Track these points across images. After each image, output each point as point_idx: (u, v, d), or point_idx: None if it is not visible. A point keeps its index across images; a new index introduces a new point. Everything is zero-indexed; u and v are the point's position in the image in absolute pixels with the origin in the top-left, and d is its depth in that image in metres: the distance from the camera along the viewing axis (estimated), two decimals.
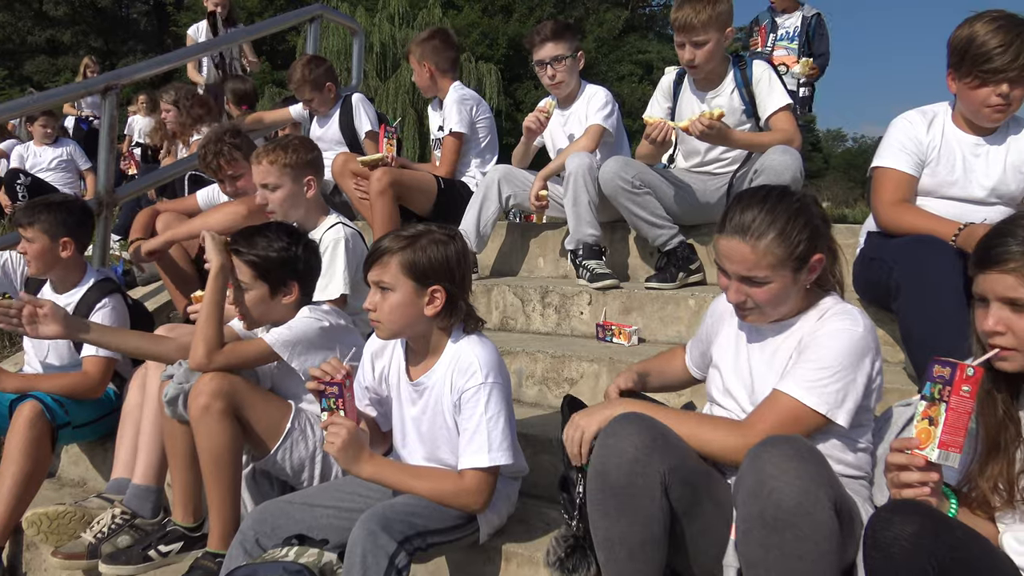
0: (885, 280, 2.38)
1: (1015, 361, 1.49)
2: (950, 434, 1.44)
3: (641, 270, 3.57)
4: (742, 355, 1.95)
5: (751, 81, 3.20)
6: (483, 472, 2.05)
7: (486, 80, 25.32)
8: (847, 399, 1.75)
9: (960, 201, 2.48)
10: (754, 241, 1.76)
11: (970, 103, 2.38)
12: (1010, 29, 2.24)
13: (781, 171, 2.89)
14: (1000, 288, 1.48)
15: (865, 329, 1.79)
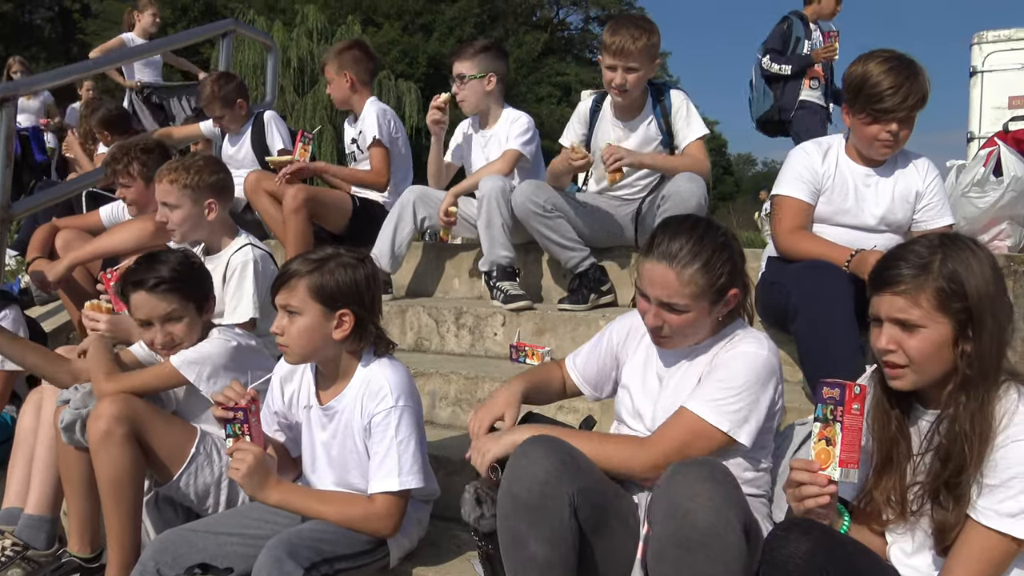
0: (784, 303, 2.49)
1: (906, 379, 1.58)
2: (847, 451, 1.52)
3: (554, 291, 3.62)
4: (652, 378, 2.00)
5: (669, 111, 3.30)
6: (393, 496, 2.04)
7: (406, 98, 25.27)
8: (750, 419, 1.81)
9: (853, 228, 2.61)
10: (680, 269, 1.80)
11: (862, 137, 2.51)
12: (901, 71, 2.38)
13: (687, 197, 2.99)
14: (892, 309, 1.57)
15: (770, 352, 1.86)
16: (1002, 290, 1.57)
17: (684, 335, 1.89)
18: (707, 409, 1.80)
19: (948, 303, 1.53)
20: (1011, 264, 2.84)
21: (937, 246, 1.57)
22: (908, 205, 2.60)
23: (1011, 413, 1.51)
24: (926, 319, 1.54)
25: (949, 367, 1.56)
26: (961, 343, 1.54)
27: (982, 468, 1.50)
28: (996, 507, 1.48)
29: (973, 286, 1.53)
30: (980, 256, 1.57)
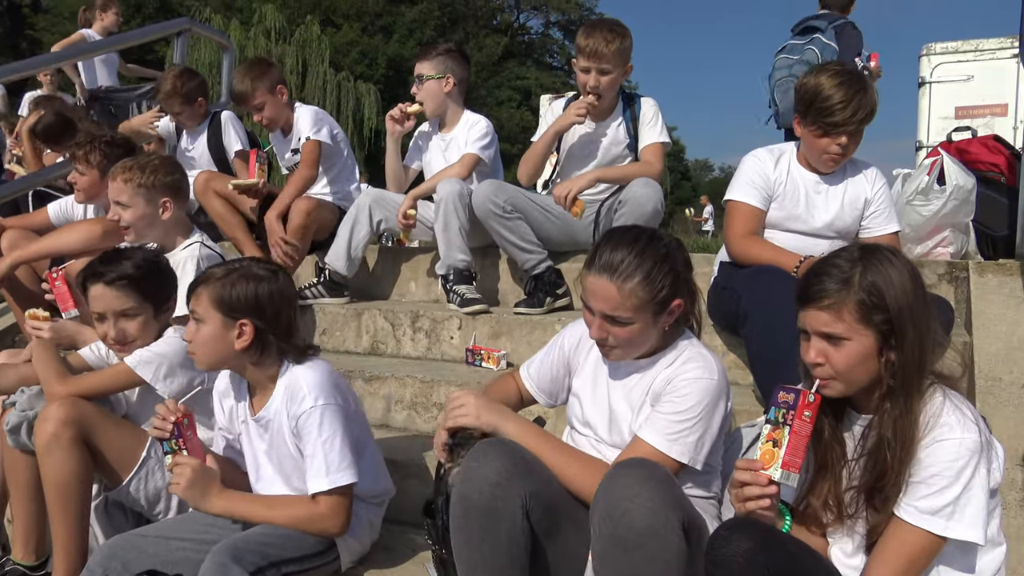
0: (735, 308, 2.53)
1: (834, 388, 1.61)
2: (791, 455, 1.55)
3: (511, 295, 3.64)
4: (601, 388, 2.02)
5: (638, 117, 3.35)
6: (334, 494, 2.04)
7: (365, 100, 25.15)
8: (704, 446, 1.84)
9: (803, 234, 2.67)
10: (620, 282, 1.81)
11: (812, 148, 2.57)
12: (850, 86, 2.44)
13: (644, 202, 3.03)
14: (817, 323, 1.59)
15: (719, 376, 1.87)
16: (922, 299, 1.59)
17: (630, 346, 1.90)
18: (666, 443, 1.81)
19: (870, 315, 1.55)
20: (953, 270, 2.93)
21: (857, 259, 1.59)
22: (856, 212, 2.67)
23: (936, 415, 1.54)
24: (850, 332, 1.56)
25: (875, 375, 1.59)
26: (885, 353, 1.56)
27: (910, 468, 1.53)
28: (917, 504, 1.52)
29: (893, 297, 1.55)
30: (899, 266, 1.58)
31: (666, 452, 1.80)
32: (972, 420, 1.54)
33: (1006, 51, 9.14)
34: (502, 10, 37.67)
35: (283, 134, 4.14)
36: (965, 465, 1.50)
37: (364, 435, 2.23)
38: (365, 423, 2.30)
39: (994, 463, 1.55)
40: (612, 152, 3.33)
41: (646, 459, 1.74)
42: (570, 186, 3.16)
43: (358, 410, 2.25)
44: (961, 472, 1.50)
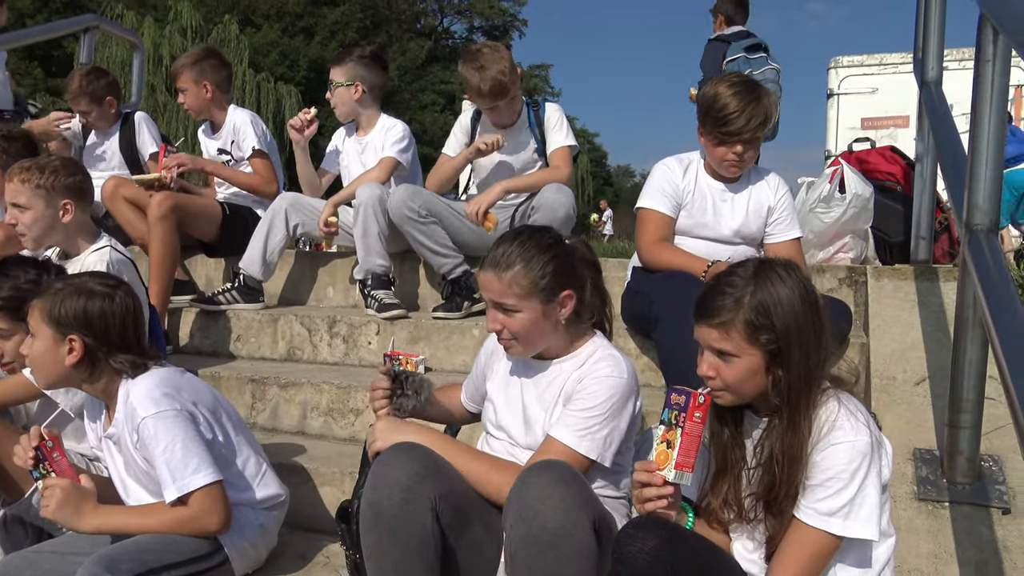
0: (647, 311, 2.59)
1: (726, 399, 1.65)
2: (684, 456, 1.58)
3: (430, 300, 3.64)
4: (514, 391, 2.04)
5: (543, 122, 3.39)
6: (200, 492, 2.00)
7: (285, 102, 24.71)
8: (613, 443, 1.88)
9: (711, 240, 2.75)
10: (501, 272, 1.87)
11: (712, 156, 2.66)
12: (745, 95, 2.52)
13: (556, 207, 3.08)
14: (709, 339, 1.62)
15: (629, 375, 1.91)
16: (812, 318, 1.61)
17: (527, 340, 1.92)
18: (576, 439, 1.85)
19: (757, 335, 1.58)
20: (852, 275, 3.07)
21: (751, 277, 1.61)
22: (761, 219, 2.76)
23: (831, 420, 1.59)
24: (738, 350, 1.59)
25: (764, 389, 1.62)
26: (772, 370, 1.60)
27: (802, 477, 1.58)
28: (815, 506, 1.56)
29: (781, 318, 1.57)
30: (791, 286, 1.60)
31: (575, 448, 1.84)
32: (864, 423, 1.59)
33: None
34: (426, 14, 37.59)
35: (212, 129, 4.07)
36: (859, 467, 1.55)
37: (232, 438, 2.20)
38: (239, 427, 2.25)
39: (884, 460, 1.62)
40: (522, 159, 3.38)
41: (558, 461, 1.77)
42: (480, 201, 3.19)
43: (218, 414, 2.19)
44: (855, 473, 1.55)
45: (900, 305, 2.74)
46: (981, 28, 1.96)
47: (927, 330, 2.60)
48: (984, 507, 2.01)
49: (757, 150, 2.63)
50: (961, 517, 2.00)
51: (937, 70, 3.07)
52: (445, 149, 3.50)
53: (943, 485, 2.06)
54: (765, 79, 4.91)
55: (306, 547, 2.42)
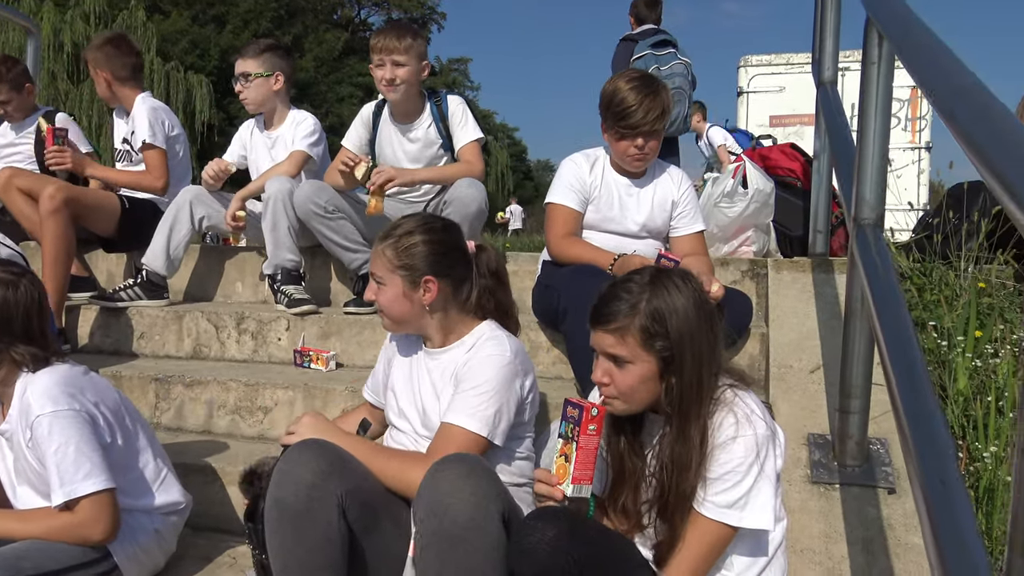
0: (555, 305, 2.63)
1: (617, 407, 1.67)
2: (581, 469, 1.61)
3: (342, 295, 3.60)
4: (413, 378, 2.07)
5: (447, 116, 3.37)
6: (89, 499, 1.94)
7: (196, 92, 23.94)
8: (502, 420, 1.91)
9: (618, 235, 2.80)
10: (378, 243, 2.02)
11: (615, 152, 2.71)
12: (642, 89, 2.59)
13: (468, 202, 3.08)
14: (604, 344, 1.65)
15: (513, 353, 1.95)
16: (705, 326, 1.64)
17: (390, 314, 2.04)
18: (467, 418, 1.88)
19: (651, 342, 1.61)
20: (754, 267, 3.17)
21: (647, 284, 1.64)
22: (665, 213, 2.83)
23: (728, 415, 1.62)
24: (633, 356, 1.62)
25: (657, 397, 1.65)
26: (666, 377, 1.62)
27: (707, 466, 1.61)
28: (713, 499, 1.60)
29: (675, 326, 1.60)
30: (686, 294, 1.64)
31: (465, 427, 1.87)
32: (759, 416, 1.64)
33: None
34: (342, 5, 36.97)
35: (125, 115, 3.94)
36: (755, 460, 1.59)
37: (132, 441, 2.14)
38: (142, 431, 2.19)
39: (777, 451, 1.68)
40: (427, 154, 3.35)
41: (466, 454, 1.79)
42: (394, 173, 3.12)
43: (121, 415, 2.13)
44: (751, 467, 1.59)
45: (798, 296, 2.84)
46: (867, 32, 2.05)
47: (822, 320, 2.71)
48: (872, 488, 2.11)
49: (659, 143, 2.69)
50: (851, 498, 2.10)
51: (833, 71, 3.20)
52: (344, 141, 3.43)
53: (834, 468, 2.16)
54: (673, 73, 5.01)
55: (211, 548, 2.37)
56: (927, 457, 1.26)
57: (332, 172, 3.30)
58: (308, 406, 2.81)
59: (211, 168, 3.58)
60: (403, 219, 2.07)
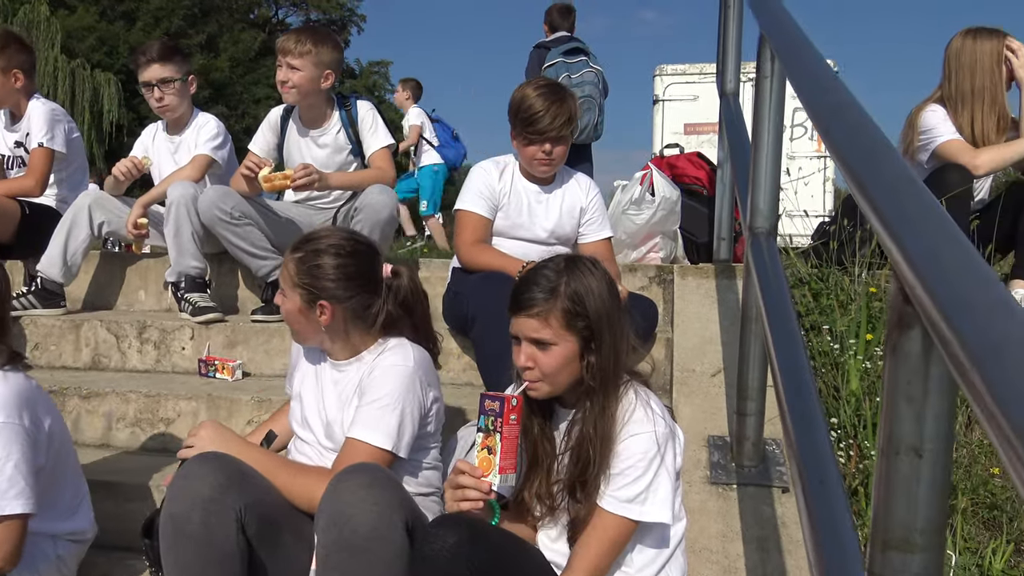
0: (465, 312, 2.64)
1: (542, 390, 1.73)
2: (505, 459, 1.65)
3: (250, 302, 3.52)
4: (318, 388, 2.05)
5: (356, 121, 3.34)
6: (5, 523, 1.86)
7: (104, 91, 23.07)
8: (406, 432, 1.91)
9: (527, 241, 2.83)
10: (289, 252, 2.02)
11: (523, 157, 2.75)
12: (548, 96, 2.64)
13: (379, 208, 3.05)
14: (527, 329, 1.70)
15: (415, 363, 1.96)
16: (617, 306, 1.74)
17: (292, 325, 2.03)
18: (370, 432, 1.88)
19: (573, 322, 1.68)
20: (661, 273, 3.24)
21: (563, 269, 1.72)
22: (574, 220, 2.88)
23: (631, 411, 1.70)
24: (556, 337, 1.68)
25: (578, 377, 1.72)
26: (586, 356, 1.70)
27: (609, 462, 1.68)
28: (615, 494, 1.66)
29: (593, 305, 1.69)
30: (598, 277, 1.73)
31: (370, 441, 1.87)
32: (659, 414, 1.71)
33: None
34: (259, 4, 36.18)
35: (12, 119, 3.75)
36: (655, 456, 1.66)
37: (61, 466, 2.06)
38: (68, 455, 2.11)
39: (677, 450, 1.74)
40: (336, 160, 3.31)
41: (369, 464, 1.78)
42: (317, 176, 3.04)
43: (59, 437, 2.06)
44: (652, 462, 1.66)
45: (701, 301, 2.92)
46: (761, 47, 2.13)
47: (724, 325, 2.79)
48: (767, 487, 2.19)
49: (566, 149, 2.73)
50: (747, 498, 2.17)
51: (734, 83, 3.30)
52: (251, 145, 3.36)
53: (732, 469, 2.23)
54: (584, 81, 5.09)
55: (110, 566, 2.29)
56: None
57: (238, 177, 3.22)
58: (212, 417, 2.74)
59: (123, 165, 3.46)
60: (320, 232, 2.03)
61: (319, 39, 3.18)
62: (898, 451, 0.91)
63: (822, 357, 2.79)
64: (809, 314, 3.02)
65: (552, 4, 5.87)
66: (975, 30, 3.27)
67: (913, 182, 0.98)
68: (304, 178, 2.99)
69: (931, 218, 0.89)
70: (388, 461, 1.88)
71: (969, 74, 3.19)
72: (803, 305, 3.05)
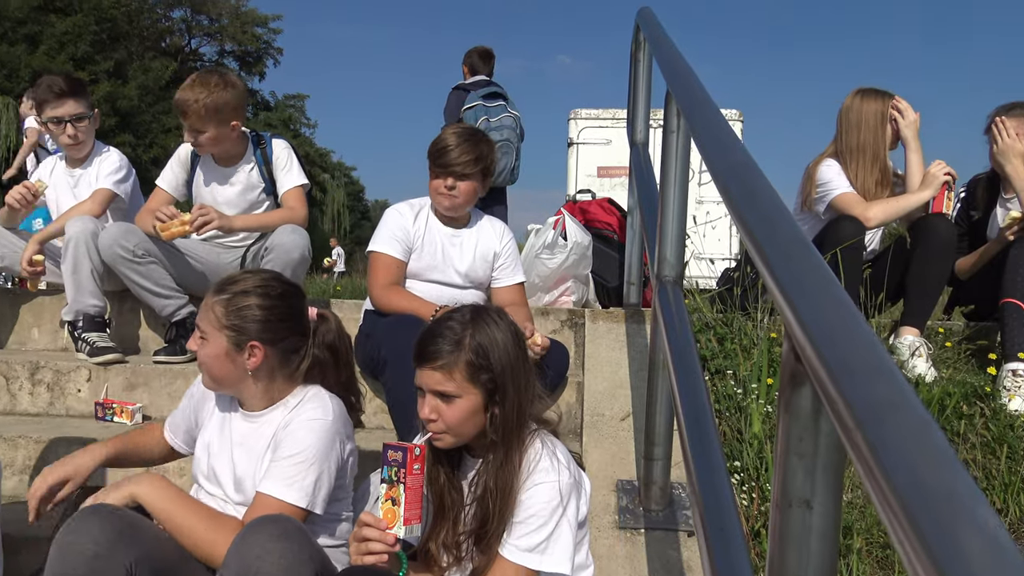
0: (376, 355, 2.61)
1: (446, 441, 1.72)
2: (410, 510, 1.64)
3: (152, 342, 3.41)
4: (226, 440, 1.98)
5: (271, 159, 3.29)
6: None
7: (2, 115, 22.14)
8: (322, 488, 1.86)
9: (441, 284, 2.84)
10: (210, 295, 1.92)
11: (430, 190, 2.81)
12: (464, 137, 2.74)
13: (291, 249, 3.01)
14: (431, 382, 1.69)
15: (335, 417, 1.92)
16: (521, 359, 1.75)
17: (211, 372, 1.92)
18: (284, 489, 1.82)
19: (477, 375, 1.68)
20: (573, 317, 3.29)
21: (468, 321, 1.72)
22: (488, 263, 2.90)
23: (536, 460, 1.70)
24: (460, 390, 1.68)
25: (483, 428, 1.72)
26: (490, 408, 1.70)
27: (512, 512, 1.68)
28: (516, 542, 1.67)
29: (497, 358, 1.69)
30: (503, 328, 1.74)
31: (283, 499, 1.81)
32: (564, 463, 1.72)
33: None
34: (172, 32, 35.47)
35: None
36: (558, 505, 1.67)
37: None
38: None
39: (582, 499, 1.76)
40: (248, 198, 3.25)
41: (280, 515, 1.73)
42: (214, 216, 2.96)
43: None
44: (554, 512, 1.67)
45: (611, 346, 2.97)
46: (668, 103, 2.21)
47: (633, 369, 2.84)
48: (674, 531, 2.22)
49: (472, 189, 2.77)
50: (654, 542, 2.20)
51: (644, 133, 3.41)
52: (160, 181, 3.27)
53: (640, 513, 2.26)
54: (502, 126, 5.18)
55: None
56: (710, 505, 1.35)
57: (145, 216, 3.12)
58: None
59: (16, 192, 3.31)
60: (242, 274, 1.97)
61: (218, 95, 3.02)
62: (790, 504, 0.94)
63: (726, 400, 2.87)
64: (714, 359, 3.11)
65: (473, 48, 5.96)
66: (865, 90, 3.49)
67: (805, 246, 1.03)
68: (199, 219, 2.92)
69: (819, 281, 0.93)
70: (301, 518, 1.82)
71: (856, 131, 3.39)
72: (708, 350, 3.14)
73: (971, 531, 0.58)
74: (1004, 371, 2.93)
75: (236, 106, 3.09)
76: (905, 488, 0.64)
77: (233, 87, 3.07)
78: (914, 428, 0.69)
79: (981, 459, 2.66)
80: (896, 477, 0.65)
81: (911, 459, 0.66)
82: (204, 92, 2.99)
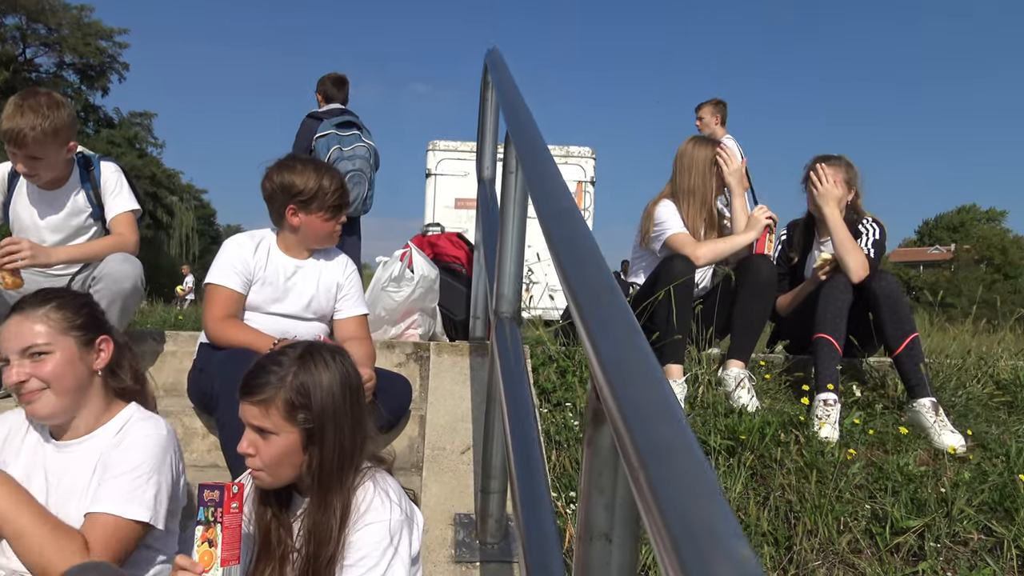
0: (209, 389, 2.52)
1: (263, 480, 1.69)
2: (228, 551, 1.59)
3: None
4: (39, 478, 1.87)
5: (99, 183, 3.12)
6: None
7: None
8: (162, 502, 1.83)
9: (283, 316, 2.78)
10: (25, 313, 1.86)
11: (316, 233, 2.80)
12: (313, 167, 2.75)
13: (121, 279, 2.86)
14: (250, 416, 1.68)
15: (168, 431, 1.91)
16: (350, 403, 1.73)
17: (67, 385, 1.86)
18: (123, 505, 1.76)
19: (295, 414, 1.66)
20: (418, 350, 3.30)
21: (296, 359, 1.71)
22: (330, 295, 2.87)
23: (367, 500, 1.69)
24: (277, 427, 1.66)
25: (300, 469, 1.70)
26: (309, 449, 1.68)
27: (344, 552, 1.65)
28: None
29: (319, 400, 1.68)
30: (333, 371, 1.72)
31: (123, 515, 1.75)
32: (396, 501, 1.72)
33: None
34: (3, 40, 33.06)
35: None
36: (388, 545, 1.66)
37: None
38: None
39: (415, 535, 1.76)
40: (73, 224, 3.06)
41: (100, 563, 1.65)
42: (29, 252, 2.74)
43: None
44: (385, 552, 1.66)
45: (455, 379, 3.00)
46: (507, 144, 2.28)
47: (476, 402, 2.88)
48: (508, 563, 2.26)
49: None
50: (489, 574, 2.23)
51: (491, 171, 3.49)
52: None
53: (476, 546, 2.28)
54: (355, 155, 5.15)
55: None
56: (534, 542, 1.39)
57: None
58: None
59: None
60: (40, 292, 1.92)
61: (55, 117, 2.81)
62: (592, 537, 0.99)
63: (566, 432, 2.96)
64: (555, 391, 3.20)
65: (326, 74, 5.90)
66: (698, 138, 3.74)
67: (614, 292, 1.10)
68: (8, 254, 2.69)
69: (621, 327, 0.99)
70: (141, 534, 1.77)
71: (687, 175, 3.64)
72: (550, 383, 3.23)
73: (727, 564, 0.63)
74: (816, 401, 3.17)
75: (71, 125, 2.92)
76: (675, 524, 0.69)
77: (64, 106, 2.88)
78: (690, 469, 0.74)
79: (795, 483, 2.86)
80: (669, 514, 0.71)
81: (683, 498, 0.71)
82: (38, 117, 2.77)
